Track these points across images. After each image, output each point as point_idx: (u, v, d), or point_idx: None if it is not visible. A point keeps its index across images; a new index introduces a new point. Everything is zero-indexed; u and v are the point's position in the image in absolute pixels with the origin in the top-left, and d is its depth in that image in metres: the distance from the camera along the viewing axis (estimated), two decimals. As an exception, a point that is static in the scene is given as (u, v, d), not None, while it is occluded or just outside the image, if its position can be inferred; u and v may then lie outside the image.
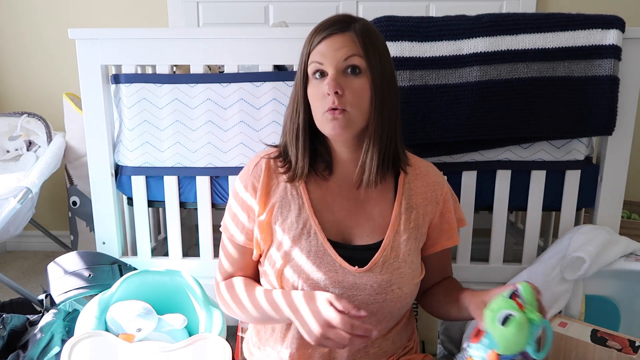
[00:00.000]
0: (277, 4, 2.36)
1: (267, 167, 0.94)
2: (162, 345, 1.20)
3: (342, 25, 0.85)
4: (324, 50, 0.84)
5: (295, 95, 0.90)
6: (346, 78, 0.84)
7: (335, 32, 0.84)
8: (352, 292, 0.88)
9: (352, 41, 0.84)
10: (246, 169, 0.97)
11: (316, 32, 0.86)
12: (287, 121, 0.92)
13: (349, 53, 0.83)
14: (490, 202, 1.47)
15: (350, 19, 0.87)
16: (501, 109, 1.32)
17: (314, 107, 0.87)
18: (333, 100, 0.82)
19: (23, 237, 2.44)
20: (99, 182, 1.47)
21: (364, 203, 0.93)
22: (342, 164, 0.94)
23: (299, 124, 0.89)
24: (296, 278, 0.88)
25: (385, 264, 0.89)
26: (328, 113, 0.83)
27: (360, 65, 0.84)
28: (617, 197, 1.44)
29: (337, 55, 0.83)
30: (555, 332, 1.20)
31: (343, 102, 0.83)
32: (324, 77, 0.85)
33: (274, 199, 0.93)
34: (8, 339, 1.25)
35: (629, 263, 1.29)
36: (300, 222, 0.91)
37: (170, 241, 1.51)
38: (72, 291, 1.34)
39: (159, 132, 1.42)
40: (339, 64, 0.83)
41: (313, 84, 0.87)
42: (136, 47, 1.39)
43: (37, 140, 2.06)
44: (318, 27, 0.87)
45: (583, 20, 1.30)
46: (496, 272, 1.50)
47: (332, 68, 0.83)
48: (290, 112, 0.91)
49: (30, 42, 2.42)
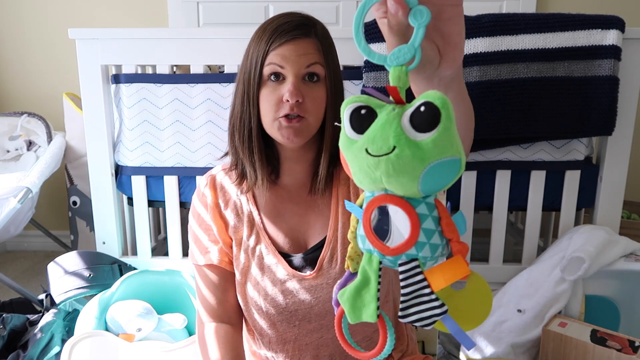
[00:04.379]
0: (277, 4, 2.36)
1: (213, 187, 0.92)
2: (162, 345, 1.20)
3: (305, 30, 0.81)
4: (286, 54, 0.79)
5: (247, 95, 0.83)
6: (305, 85, 0.81)
7: (299, 37, 0.80)
8: (314, 295, 0.87)
9: (315, 47, 0.81)
10: (196, 193, 0.95)
11: (276, 32, 0.81)
12: (237, 124, 0.85)
13: (312, 60, 0.80)
14: (490, 202, 1.47)
15: (310, 21, 0.83)
16: (501, 109, 1.32)
17: (265, 110, 0.82)
18: (292, 107, 0.79)
19: (23, 237, 2.44)
20: (99, 182, 1.47)
21: (312, 202, 0.91)
22: (289, 168, 0.90)
23: (252, 127, 0.83)
24: (256, 295, 0.88)
25: (334, 256, 0.87)
26: (282, 119, 0.80)
27: (319, 73, 0.82)
28: (617, 197, 1.44)
29: (300, 61, 0.80)
30: (555, 332, 1.20)
31: (302, 109, 0.80)
32: (280, 81, 0.81)
33: (227, 218, 0.91)
34: (8, 339, 1.25)
35: (629, 263, 1.29)
36: (253, 240, 0.90)
37: (170, 241, 1.51)
38: (72, 291, 1.35)
39: (159, 132, 1.42)
40: (301, 70, 0.80)
41: (267, 86, 0.81)
42: (136, 47, 1.39)
43: (37, 140, 2.06)
44: (278, 26, 0.81)
45: (583, 21, 1.30)
46: (496, 272, 1.50)
47: (292, 74, 0.79)
48: (240, 114, 0.84)
49: (31, 42, 2.42)
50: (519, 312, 1.28)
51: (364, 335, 0.93)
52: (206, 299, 0.93)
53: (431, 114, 0.37)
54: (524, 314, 1.27)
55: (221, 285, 0.93)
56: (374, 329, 0.93)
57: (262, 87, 0.82)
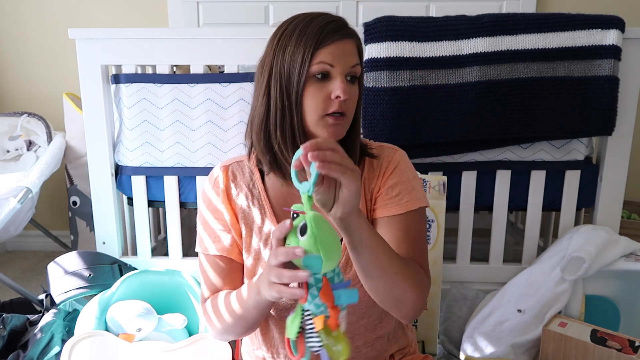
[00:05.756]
0: (277, 4, 2.36)
1: (226, 173, 0.94)
2: (162, 345, 1.20)
3: (350, 31, 0.84)
4: (337, 52, 0.81)
5: (287, 94, 0.83)
6: (347, 84, 0.83)
7: (347, 37, 0.83)
8: None
9: (356, 49, 0.84)
10: (208, 180, 0.96)
11: (325, 30, 0.81)
12: (278, 123, 0.84)
13: (355, 61, 0.84)
14: (490, 202, 1.47)
15: (348, 23, 0.86)
16: (501, 109, 1.32)
17: (309, 107, 0.82)
18: (340, 104, 0.81)
19: (23, 237, 2.44)
20: (99, 182, 1.47)
21: None
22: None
23: (296, 125, 0.83)
24: None
25: (349, 262, 0.87)
26: (329, 117, 0.82)
27: (358, 74, 0.85)
28: (617, 197, 1.44)
29: (348, 60, 0.82)
30: (555, 332, 1.20)
31: (346, 107, 0.83)
32: (327, 79, 0.82)
33: (238, 203, 0.92)
34: (8, 339, 1.25)
35: (629, 263, 1.29)
36: (266, 226, 0.90)
37: (170, 241, 1.51)
38: (72, 291, 1.35)
39: (159, 132, 1.42)
40: (347, 69, 0.82)
41: (312, 84, 0.82)
42: (136, 47, 1.39)
43: (37, 140, 2.06)
44: (325, 25, 0.81)
45: (583, 21, 1.30)
46: (496, 272, 1.50)
47: (340, 72, 0.81)
48: (281, 113, 0.83)
49: (31, 42, 2.42)
50: (519, 312, 1.28)
51: (365, 340, 0.94)
52: (213, 284, 0.94)
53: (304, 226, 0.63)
54: (524, 314, 1.27)
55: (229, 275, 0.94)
56: (376, 336, 0.95)
57: (307, 85, 0.82)
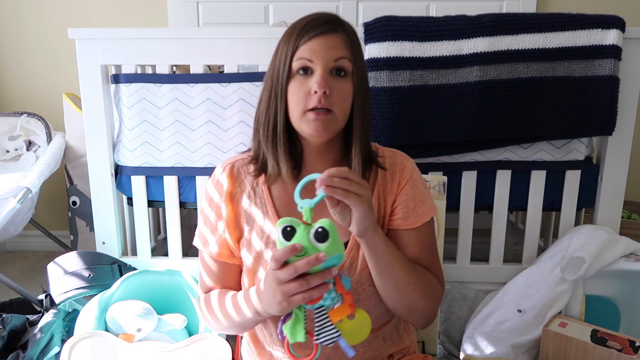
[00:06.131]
0: (277, 4, 2.36)
1: (230, 174, 0.93)
2: (162, 345, 1.20)
3: (333, 25, 0.84)
4: (315, 48, 0.82)
5: (274, 91, 0.85)
6: (332, 79, 0.83)
7: (328, 32, 0.83)
8: None
9: (343, 43, 0.84)
10: (211, 179, 0.96)
11: (305, 27, 0.83)
12: (262, 119, 0.88)
13: (340, 55, 0.83)
14: (490, 202, 1.47)
15: (339, 19, 0.86)
16: (501, 109, 1.32)
17: (293, 103, 0.84)
18: (319, 99, 0.81)
19: (23, 237, 2.44)
20: (99, 182, 1.47)
21: None
22: (310, 165, 0.91)
23: (277, 121, 0.85)
24: None
25: (353, 264, 0.88)
26: (310, 113, 0.82)
27: (347, 68, 0.84)
28: (617, 197, 1.44)
29: (328, 54, 0.82)
30: (555, 332, 1.20)
31: (330, 102, 0.82)
32: (308, 75, 0.83)
33: (241, 204, 0.92)
34: (8, 339, 1.25)
35: (629, 263, 1.29)
36: (267, 227, 0.90)
37: (170, 241, 1.51)
38: (72, 291, 1.34)
39: (158, 132, 1.42)
40: (329, 63, 0.82)
41: (296, 80, 0.83)
42: (136, 47, 1.39)
43: (37, 140, 2.06)
44: (307, 23, 0.84)
45: (583, 20, 1.30)
46: (496, 272, 1.50)
47: (321, 67, 0.82)
48: (266, 109, 0.87)
49: (31, 42, 2.42)
50: (519, 312, 1.28)
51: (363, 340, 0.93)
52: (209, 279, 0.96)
53: (324, 233, 0.69)
54: (524, 314, 1.27)
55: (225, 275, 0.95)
56: (373, 336, 0.94)
57: (290, 81, 0.84)
